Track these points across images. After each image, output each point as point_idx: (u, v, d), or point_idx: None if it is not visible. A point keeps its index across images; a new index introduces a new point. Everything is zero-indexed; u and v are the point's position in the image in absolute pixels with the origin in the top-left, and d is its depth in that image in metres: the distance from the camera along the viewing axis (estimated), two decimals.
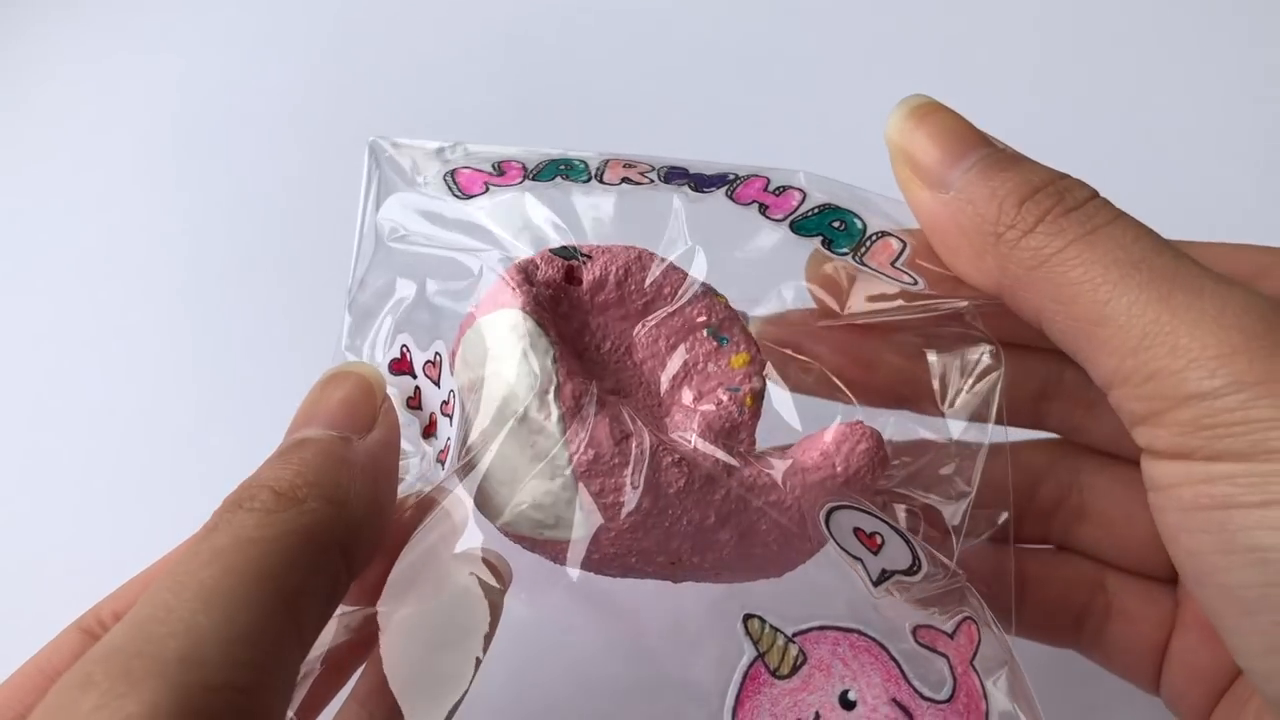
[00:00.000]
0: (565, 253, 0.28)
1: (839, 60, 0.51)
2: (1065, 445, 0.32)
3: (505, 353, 0.26)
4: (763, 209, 0.28)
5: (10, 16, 0.52)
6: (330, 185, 0.46)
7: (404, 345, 0.29)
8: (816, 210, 0.27)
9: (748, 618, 0.25)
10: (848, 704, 0.25)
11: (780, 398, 0.28)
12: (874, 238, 0.27)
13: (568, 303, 0.27)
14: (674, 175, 0.29)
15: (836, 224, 0.27)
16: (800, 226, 0.27)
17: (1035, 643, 0.31)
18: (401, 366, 0.29)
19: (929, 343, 0.28)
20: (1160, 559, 0.30)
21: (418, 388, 0.29)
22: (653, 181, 0.29)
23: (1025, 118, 0.33)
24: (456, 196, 0.29)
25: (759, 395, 0.27)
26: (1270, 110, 0.49)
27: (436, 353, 0.28)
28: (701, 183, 0.28)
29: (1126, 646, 0.31)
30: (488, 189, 0.29)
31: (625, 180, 0.29)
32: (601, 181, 0.29)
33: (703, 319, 0.28)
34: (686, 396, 0.27)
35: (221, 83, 0.51)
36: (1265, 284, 0.23)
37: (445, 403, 0.28)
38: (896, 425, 0.29)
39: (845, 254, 0.27)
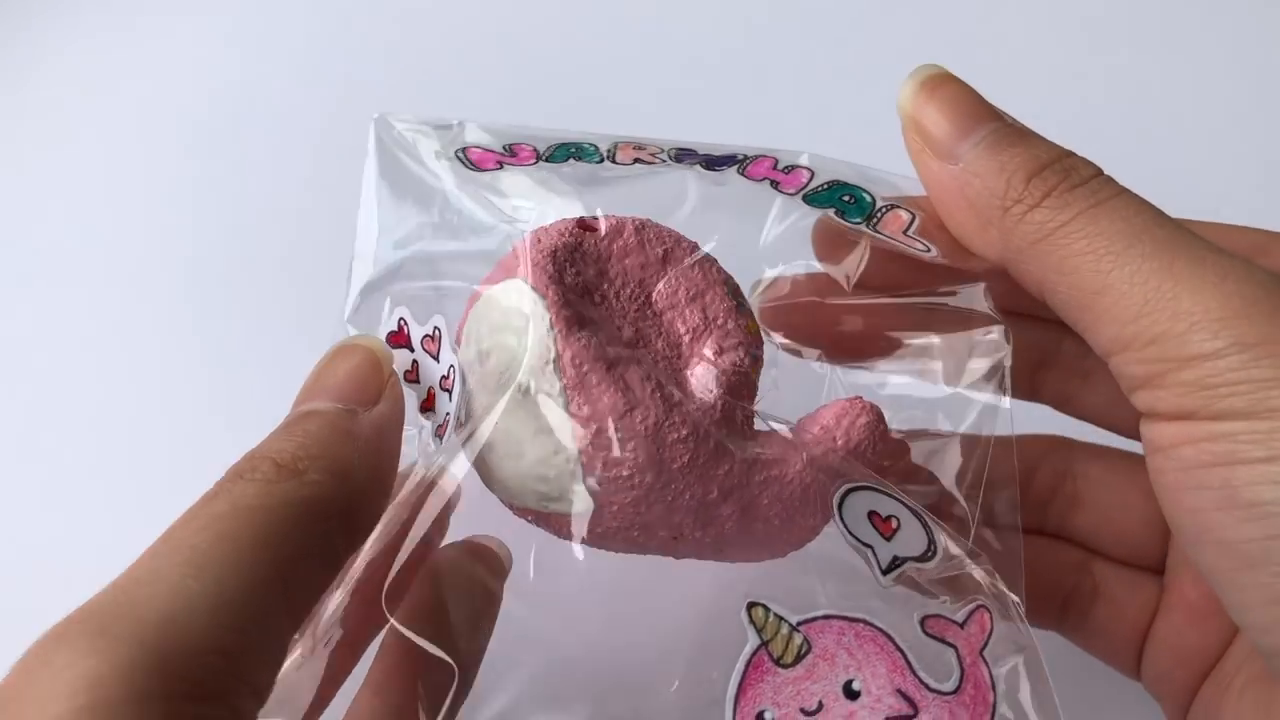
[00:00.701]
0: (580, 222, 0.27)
1: (847, 45, 0.51)
2: (1059, 437, 0.32)
3: (510, 324, 0.26)
4: (774, 185, 0.28)
5: (12, 9, 0.52)
6: (334, 168, 0.46)
7: (401, 318, 0.28)
8: (826, 186, 0.28)
9: (751, 605, 0.25)
10: (852, 694, 0.25)
11: (785, 373, 0.28)
12: (884, 209, 0.27)
13: (582, 252, 0.27)
14: (684, 156, 0.29)
15: (846, 198, 0.27)
16: (812, 200, 0.27)
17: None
18: (399, 340, 0.28)
19: (936, 321, 0.29)
20: (1151, 547, 0.31)
21: (415, 361, 0.28)
22: (664, 161, 0.29)
23: (1033, 97, 0.33)
24: (469, 169, 0.29)
25: (759, 363, 0.27)
26: (1273, 98, 0.49)
27: (435, 327, 0.28)
28: (712, 162, 0.29)
29: (1110, 630, 0.31)
30: (502, 167, 0.29)
31: (638, 161, 0.29)
32: (614, 162, 0.29)
33: (722, 275, 0.28)
34: (705, 349, 0.27)
35: (224, 67, 0.51)
36: (1263, 261, 0.24)
37: (445, 377, 0.27)
38: (904, 413, 0.28)
39: (859, 224, 0.27)
